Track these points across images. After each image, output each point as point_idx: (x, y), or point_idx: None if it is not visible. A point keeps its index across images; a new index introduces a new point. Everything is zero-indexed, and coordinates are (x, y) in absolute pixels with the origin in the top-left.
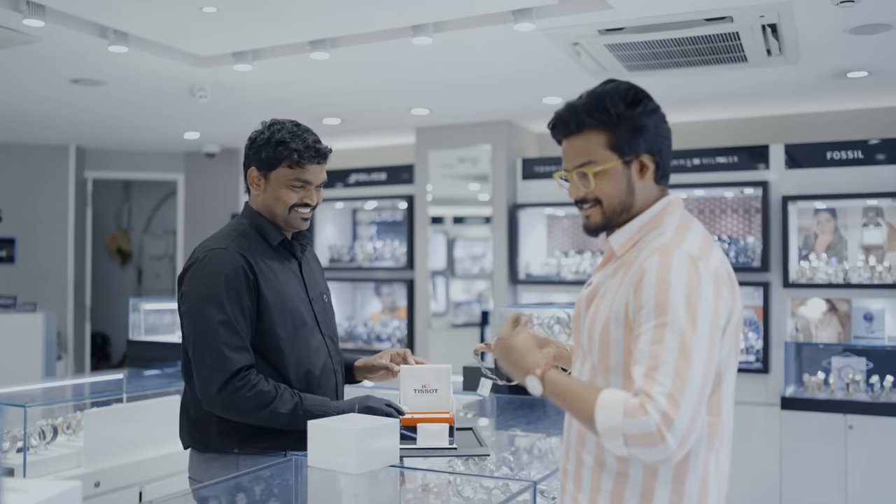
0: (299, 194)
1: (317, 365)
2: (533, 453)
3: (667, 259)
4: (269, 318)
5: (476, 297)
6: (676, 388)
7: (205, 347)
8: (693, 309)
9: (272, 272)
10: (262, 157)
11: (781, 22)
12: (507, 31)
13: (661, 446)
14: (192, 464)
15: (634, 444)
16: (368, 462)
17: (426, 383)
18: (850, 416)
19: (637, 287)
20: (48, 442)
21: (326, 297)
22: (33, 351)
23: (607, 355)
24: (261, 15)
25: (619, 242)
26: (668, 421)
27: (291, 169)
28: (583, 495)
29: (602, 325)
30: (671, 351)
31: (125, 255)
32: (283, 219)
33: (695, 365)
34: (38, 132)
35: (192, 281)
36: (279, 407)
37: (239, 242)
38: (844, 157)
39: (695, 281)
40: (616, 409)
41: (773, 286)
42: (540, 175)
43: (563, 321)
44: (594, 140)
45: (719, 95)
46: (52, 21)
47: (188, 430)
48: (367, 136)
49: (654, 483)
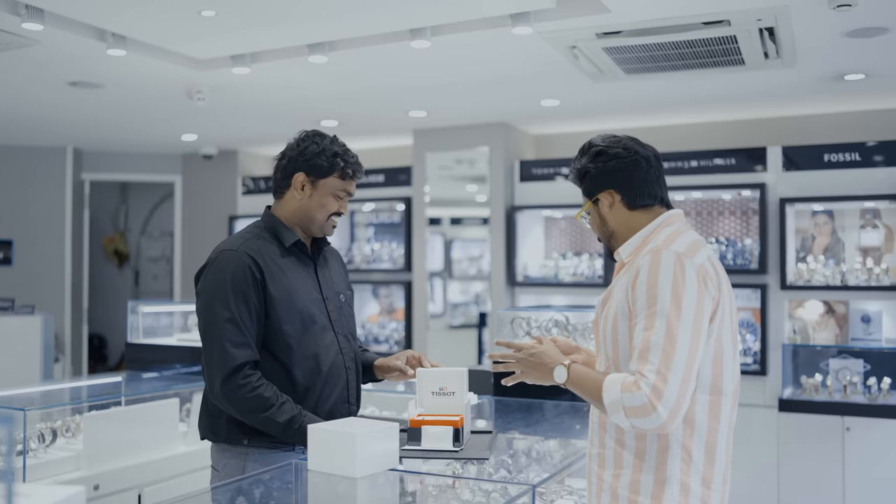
0: (339, 204)
1: (325, 362)
2: (531, 456)
3: (657, 257)
4: (276, 316)
5: (473, 299)
6: (664, 366)
7: (211, 343)
8: (678, 298)
9: (282, 272)
10: (315, 164)
11: (779, 25)
12: (505, 35)
13: (653, 416)
14: (212, 452)
15: (632, 415)
16: (368, 466)
17: (444, 386)
18: (847, 418)
19: (633, 283)
20: (47, 445)
21: (344, 297)
22: (31, 353)
23: (617, 347)
24: (259, 18)
25: (625, 253)
26: (658, 393)
27: (342, 180)
28: (607, 472)
29: (612, 321)
30: (659, 335)
31: (122, 256)
32: (319, 226)
33: (679, 346)
34: (35, 134)
35: (204, 281)
36: (275, 416)
37: (250, 244)
38: (842, 160)
39: (680, 274)
40: (616, 387)
41: (770, 288)
42: (537, 177)
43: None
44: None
45: (717, 98)
46: (50, 24)
47: (205, 420)
48: (365, 138)
49: (665, 456)
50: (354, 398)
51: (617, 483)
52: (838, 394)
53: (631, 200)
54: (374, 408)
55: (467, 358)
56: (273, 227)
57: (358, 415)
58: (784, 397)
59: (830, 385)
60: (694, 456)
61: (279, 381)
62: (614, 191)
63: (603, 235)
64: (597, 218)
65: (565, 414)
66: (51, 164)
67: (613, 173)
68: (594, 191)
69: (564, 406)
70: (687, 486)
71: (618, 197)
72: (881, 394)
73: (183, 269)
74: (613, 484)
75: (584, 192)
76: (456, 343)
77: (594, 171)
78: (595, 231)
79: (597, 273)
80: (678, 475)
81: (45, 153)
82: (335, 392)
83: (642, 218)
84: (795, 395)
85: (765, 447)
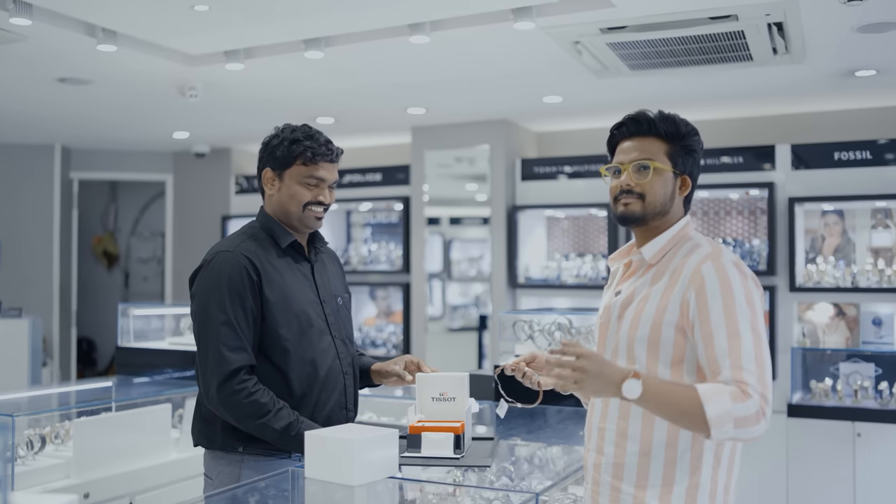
0: (313, 192)
1: (322, 367)
2: (533, 463)
3: (720, 265)
4: (272, 319)
5: (473, 301)
6: (762, 372)
7: (206, 347)
8: (753, 305)
9: (278, 274)
10: (277, 156)
11: (788, 20)
12: (507, 30)
13: (763, 422)
14: (205, 459)
15: (742, 425)
16: (367, 473)
17: (444, 391)
18: (858, 424)
19: (700, 290)
20: (36, 452)
21: (341, 300)
22: (19, 357)
23: (656, 352)
24: (254, 13)
25: (651, 253)
26: (766, 400)
27: (305, 166)
28: (626, 483)
29: (651, 326)
30: (748, 342)
31: (112, 257)
32: (297, 217)
33: (766, 352)
34: (22, 132)
35: (199, 283)
36: (272, 422)
37: (246, 245)
38: (852, 158)
39: (745, 281)
40: (723, 398)
41: (779, 290)
42: (539, 176)
43: (563, 327)
44: (657, 145)
45: (724, 95)
46: (39, 19)
47: (198, 427)
48: (362, 135)
49: (700, 463)
50: (352, 404)
51: (644, 494)
52: (849, 399)
53: (689, 196)
54: (371, 413)
55: (467, 362)
56: (269, 227)
57: (355, 421)
58: (793, 402)
59: (841, 390)
60: (722, 462)
61: (275, 386)
62: (691, 181)
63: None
64: (669, 187)
65: (568, 420)
66: (38, 163)
67: (698, 169)
68: (685, 168)
69: (567, 412)
70: (714, 493)
71: (688, 187)
72: (893, 399)
73: (174, 270)
74: (639, 495)
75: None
76: (455, 347)
77: (696, 156)
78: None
79: (600, 274)
80: (708, 484)
81: (33, 151)
82: (332, 397)
83: (679, 214)
84: (805, 400)
85: (773, 454)
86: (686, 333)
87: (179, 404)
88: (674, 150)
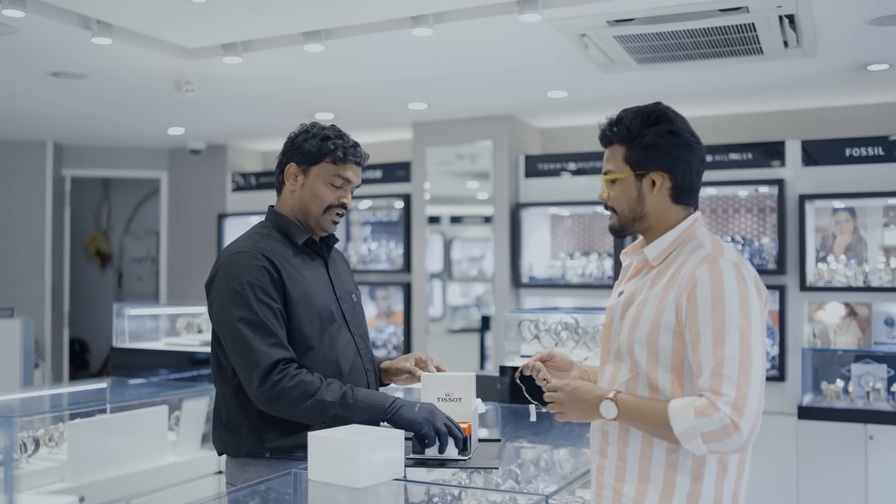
0: (337, 193)
1: (345, 364)
2: (540, 465)
3: (716, 268)
4: (296, 317)
5: (475, 301)
6: (743, 380)
7: (241, 349)
8: (746, 310)
9: (297, 271)
10: (305, 151)
11: (799, 12)
12: (512, 22)
13: (735, 436)
14: (228, 468)
15: (711, 440)
16: (372, 475)
17: (450, 392)
18: (870, 426)
19: (691, 293)
20: (30, 455)
21: (355, 297)
22: (10, 359)
23: (656, 356)
24: (252, 4)
25: (653, 254)
26: (739, 411)
27: (334, 164)
28: (627, 485)
29: (649, 329)
30: (734, 348)
31: (105, 257)
32: (315, 218)
33: (755, 359)
34: (12, 128)
35: (218, 287)
36: (325, 395)
37: (261, 244)
38: (864, 154)
39: (742, 285)
40: (687, 412)
41: (789, 289)
42: (544, 173)
43: (570, 327)
44: (618, 152)
45: (733, 89)
46: (32, 11)
47: (220, 434)
48: (362, 131)
49: (702, 469)
50: None
51: (643, 498)
52: (861, 400)
53: (679, 192)
54: None
55: (469, 364)
56: (281, 225)
57: None
58: (804, 404)
59: (852, 391)
60: (728, 469)
61: None
62: (670, 176)
63: (628, 213)
64: (632, 193)
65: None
66: (30, 160)
67: (678, 159)
68: (648, 166)
69: None
70: (720, 500)
71: (668, 184)
72: None
73: (168, 270)
74: (638, 499)
75: (632, 160)
76: (456, 348)
77: (660, 148)
78: (616, 203)
79: (606, 274)
80: (712, 490)
81: (24, 147)
82: None
83: (678, 214)
84: (815, 402)
85: (783, 457)
86: (684, 338)
87: (176, 406)
88: (630, 152)
